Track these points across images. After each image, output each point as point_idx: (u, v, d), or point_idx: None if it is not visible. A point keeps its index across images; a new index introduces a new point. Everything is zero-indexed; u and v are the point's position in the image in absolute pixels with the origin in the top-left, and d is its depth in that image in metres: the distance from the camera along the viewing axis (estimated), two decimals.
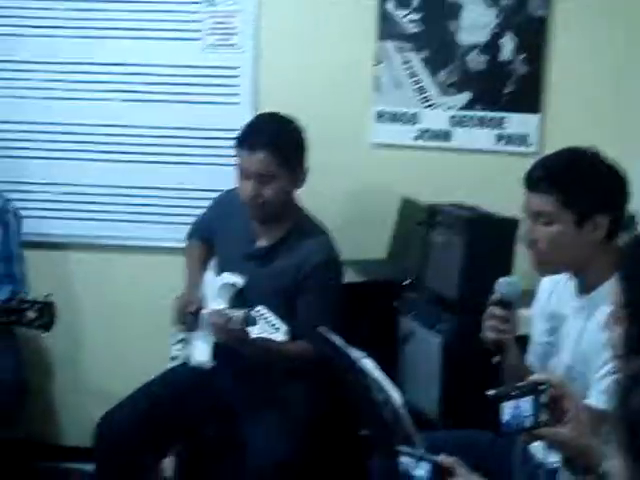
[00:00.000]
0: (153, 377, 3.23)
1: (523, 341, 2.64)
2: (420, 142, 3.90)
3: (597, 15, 3.71)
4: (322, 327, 2.54)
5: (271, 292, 3.05)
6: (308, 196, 3.26)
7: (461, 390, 3.04)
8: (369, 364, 2.29)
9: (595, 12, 3.71)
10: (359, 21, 3.87)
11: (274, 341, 2.72)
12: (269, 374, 3.05)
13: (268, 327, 2.72)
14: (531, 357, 2.66)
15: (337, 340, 2.44)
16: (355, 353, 2.34)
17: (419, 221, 3.30)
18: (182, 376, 3.18)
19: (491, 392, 1.62)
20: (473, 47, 3.82)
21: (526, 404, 1.63)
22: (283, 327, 2.71)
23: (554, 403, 1.65)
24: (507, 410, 1.62)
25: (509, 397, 1.62)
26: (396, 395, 2.19)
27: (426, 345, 3.15)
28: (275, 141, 3.02)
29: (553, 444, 1.71)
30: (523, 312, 2.59)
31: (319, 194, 3.72)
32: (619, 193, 2.42)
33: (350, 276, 3.53)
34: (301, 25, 3.90)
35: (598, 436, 1.71)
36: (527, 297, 2.65)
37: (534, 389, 1.65)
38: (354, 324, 3.30)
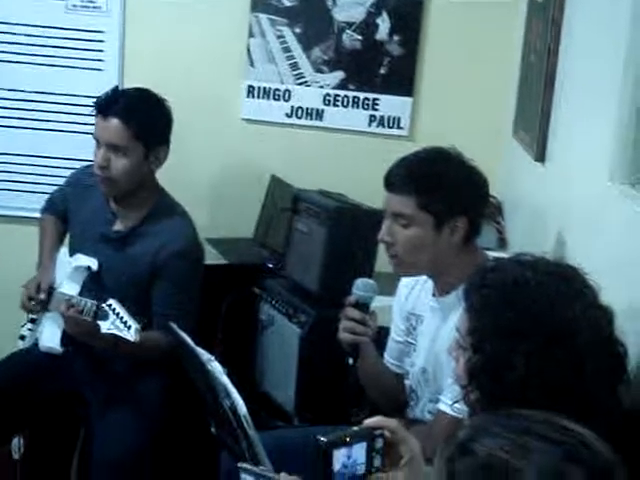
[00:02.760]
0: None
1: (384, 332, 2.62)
2: (292, 120, 3.81)
3: (472, 2, 3.65)
4: (172, 323, 2.45)
5: (127, 278, 2.93)
6: (174, 170, 3.12)
7: (319, 384, 2.99)
8: (217, 368, 2.21)
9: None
10: None
11: (123, 338, 2.61)
12: (122, 365, 2.94)
13: (119, 323, 2.62)
14: (388, 356, 2.63)
15: (187, 339, 2.34)
16: (204, 355, 2.26)
17: (284, 207, 3.21)
18: (32, 358, 3.04)
19: (322, 439, 1.55)
20: (349, 25, 3.73)
21: (359, 450, 1.56)
22: (134, 325, 2.60)
23: (390, 448, 1.60)
24: (339, 458, 1.55)
25: (342, 444, 1.55)
26: (241, 403, 2.11)
27: (285, 335, 3.09)
28: (131, 111, 2.86)
29: None
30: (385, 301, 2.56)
31: (186, 169, 3.61)
32: (478, 196, 2.39)
33: (213, 257, 3.45)
34: None
35: None
36: (393, 284, 2.61)
37: (368, 434, 1.59)
38: (213, 309, 3.23)
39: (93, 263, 2.97)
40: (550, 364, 1.52)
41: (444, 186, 2.32)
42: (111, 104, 2.88)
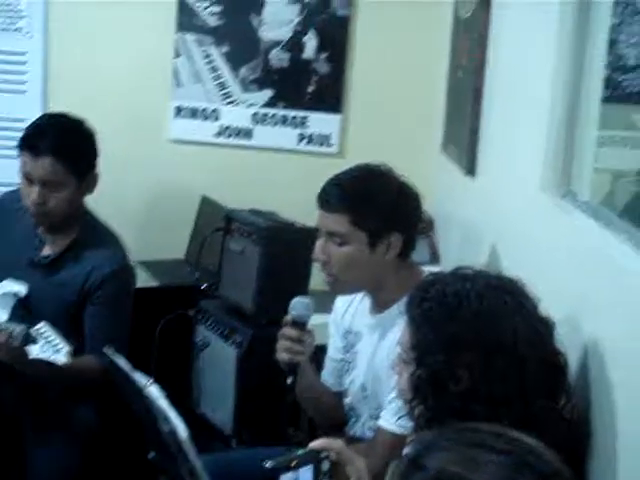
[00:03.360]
0: None
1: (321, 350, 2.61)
2: (221, 139, 3.80)
3: (399, 17, 3.69)
4: (107, 348, 2.40)
5: (57, 304, 2.87)
6: (104, 193, 3.07)
7: (256, 405, 2.97)
8: (155, 392, 2.17)
9: (397, 14, 3.69)
10: (158, 11, 3.72)
11: (54, 362, 2.56)
12: (55, 391, 2.87)
13: (49, 347, 2.56)
14: (326, 374, 2.62)
15: (123, 363, 2.30)
16: (141, 379, 2.22)
17: (216, 227, 3.19)
18: None
19: (269, 463, 1.53)
20: (276, 43, 3.74)
21: (306, 474, 1.55)
22: (65, 348, 2.55)
23: (337, 469, 1.59)
24: None
25: (288, 468, 1.54)
26: (182, 427, 2.08)
27: (221, 357, 3.06)
28: (62, 146, 2.81)
29: None
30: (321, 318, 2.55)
31: (116, 191, 3.56)
32: (411, 212, 2.40)
33: (145, 279, 3.40)
34: (96, 11, 3.70)
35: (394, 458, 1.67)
36: (328, 301, 2.61)
37: (314, 457, 1.57)
38: (146, 332, 3.18)
39: (22, 289, 2.91)
40: (493, 375, 1.53)
41: (377, 203, 2.32)
42: (40, 141, 2.82)
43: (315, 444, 1.62)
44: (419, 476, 1.11)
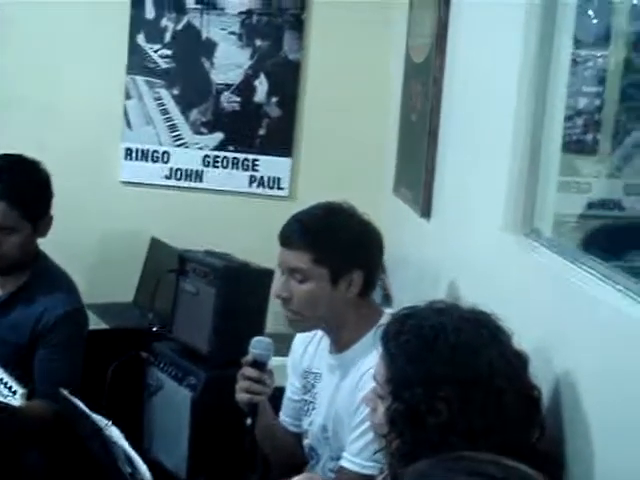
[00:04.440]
0: None
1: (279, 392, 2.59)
2: (171, 181, 3.79)
3: (349, 62, 3.74)
4: (62, 389, 2.35)
5: (7, 344, 2.81)
6: (53, 235, 3.03)
7: (211, 448, 2.93)
8: (115, 433, 2.14)
9: (348, 59, 3.74)
10: (110, 52, 3.71)
11: (8, 404, 2.50)
12: (3, 436, 2.80)
13: (3, 389, 2.50)
14: (284, 415, 2.60)
15: (80, 405, 2.26)
16: (100, 420, 2.18)
17: (170, 269, 3.16)
18: None
19: None
20: (227, 87, 3.75)
21: None
22: (20, 390, 2.50)
23: None
24: None
25: None
26: (144, 469, 2.04)
27: (175, 399, 3.01)
28: (16, 191, 2.78)
29: None
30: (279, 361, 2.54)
31: (63, 232, 3.50)
32: (373, 249, 2.42)
33: (95, 321, 3.35)
34: (47, 53, 3.69)
35: None
36: (285, 342, 2.60)
37: None
38: (98, 374, 3.13)
39: None
40: (472, 408, 1.54)
41: (339, 240, 2.33)
42: None
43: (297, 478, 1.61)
44: None
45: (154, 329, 3.27)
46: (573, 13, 2.06)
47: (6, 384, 2.52)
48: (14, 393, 2.51)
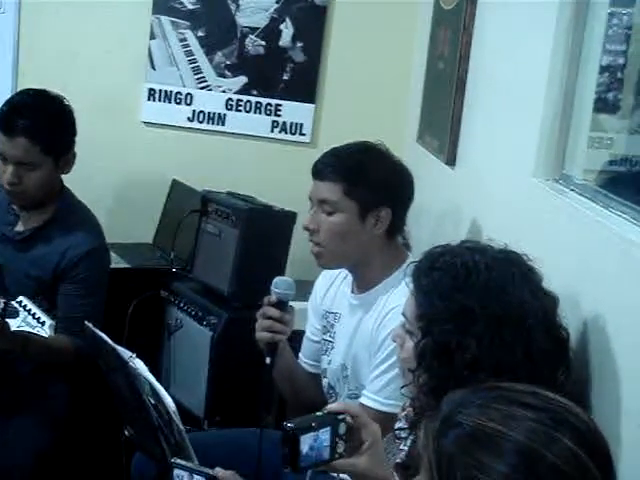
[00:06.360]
0: None
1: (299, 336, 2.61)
2: (194, 124, 3.78)
3: (377, 8, 3.71)
4: (88, 323, 2.37)
5: (30, 279, 2.83)
6: (74, 174, 3.03)
7: (230, 388, 2.95)
8: (140, 365, 2.15)
9: (375, 5, 3.71)
10: None
11: (36, 335, 2.52)
12: (27, 367, 2.83)
13: (31, 320, 2.52)
14: (303, 356, 2.62)
15: (105, 338, 2.27)
16: (124, 353, 2.20)
17: (193, 209, 3.16)
18: None
19: (289, 424, 1.53)
20: (252, 30, 3.73)
21: (324, 435, 1.55)
22: (48, 321, 2.52)
23: (352, 433, 1.60)
24: (306, 443, 1.53)
25: (308, 429, 1.54)
26: (169, 400, 2.07)
27: (195, 338, 3.04)
28: (37, 126, 2.75)
29: (350, 475, 1.66)
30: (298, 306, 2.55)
31: (85, 172, 3.50)
32: (403, 189, 2.45)
33: (115, 260, 3.36)
34: None
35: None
36: (303, 289, 2.61)
37: (333, 419, 1.58)
38: (118, 313, 3.15)
39: None
40: (501, 345, 1.55)
41: (371, 175, 2.37)
42: (15, 121, 2.76)
43: (333, 407, 1.63)
44: (454, 433, 1.12)
45: (174, 269, 3.28)
46: None
47: (34, 315, 2.54)
48: (42, 324, 2.53)
